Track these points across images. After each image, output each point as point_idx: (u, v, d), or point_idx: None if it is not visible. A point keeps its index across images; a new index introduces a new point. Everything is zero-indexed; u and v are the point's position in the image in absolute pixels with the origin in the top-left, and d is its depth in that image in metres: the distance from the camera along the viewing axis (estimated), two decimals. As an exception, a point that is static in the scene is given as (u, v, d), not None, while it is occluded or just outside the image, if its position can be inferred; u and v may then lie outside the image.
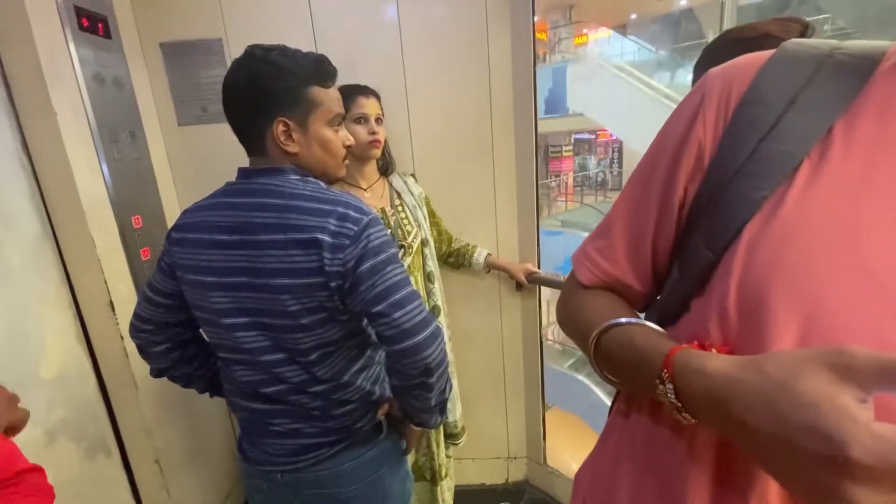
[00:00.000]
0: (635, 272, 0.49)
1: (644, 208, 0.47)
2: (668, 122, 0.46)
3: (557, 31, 10.36)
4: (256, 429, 0.88)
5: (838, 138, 0.36)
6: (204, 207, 0.82)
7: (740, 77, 0.41)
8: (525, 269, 1.57)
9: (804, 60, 0.39)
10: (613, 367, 0.46)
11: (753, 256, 0.37)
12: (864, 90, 0.36)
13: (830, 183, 0.35)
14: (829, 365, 0.27)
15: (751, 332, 0.36)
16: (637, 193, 0.48)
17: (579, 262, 0.53)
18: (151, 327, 0.90)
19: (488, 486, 1.89)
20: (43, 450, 1.12)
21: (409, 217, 1.38)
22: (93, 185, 1.22)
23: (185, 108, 1.51)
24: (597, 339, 0.46)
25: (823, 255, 0.34)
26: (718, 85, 0.41)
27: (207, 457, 1.64)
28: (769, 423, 0.29)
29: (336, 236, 0.73)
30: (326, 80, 0.81)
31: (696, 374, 0.35)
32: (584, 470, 0.59)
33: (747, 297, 0.36)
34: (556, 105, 8.27)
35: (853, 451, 0.25)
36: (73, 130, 1.16)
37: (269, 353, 0.80)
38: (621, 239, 0.49)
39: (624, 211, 0.50)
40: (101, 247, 1.21)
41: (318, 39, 1.46)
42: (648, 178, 0.47)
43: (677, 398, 0.36)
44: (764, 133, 0.38)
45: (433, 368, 0.78)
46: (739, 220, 0.38)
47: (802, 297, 0.34)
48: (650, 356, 0.39)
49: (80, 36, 1.20)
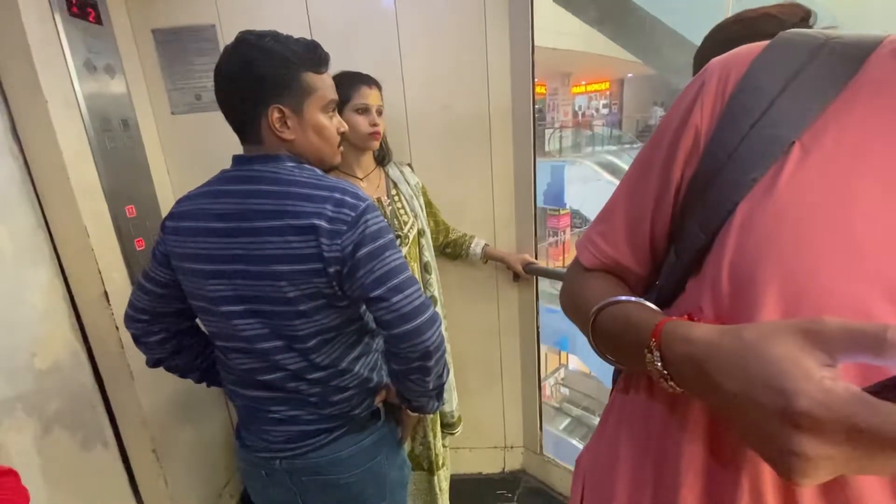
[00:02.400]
0: (634, 255, 0.50)
1: (642, 192, 0.48)
2: (670, 110, 0.47)
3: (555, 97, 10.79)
4: (254, 416, 0.88)
5: (830, 123, 0.37)
6: (199, 195, 0.81)
7: (738, 65, 0.41)
8: (522, 260, 1.57)
9: (798, 49, 0.40)
10: (609, 343, 0.47)
11: (746, 236, 0.37)
12: (856, 76, 0.37)
13: (822, 165, 0.36)
14: (802, 331, 0.28)
15: (740, 308, 0.37)
16: (637, 178, 0.49)
17: (582, 247, 0.54)
18: (147, 317, 0.89)
19: (485, 475, 1.90)
20: (39, 441, 1.11)
21: (405, 207, 1.37)
22: (85, 175, 1.20)
23: (178, 95, 1.49)
24: (594, 316, 0.47)
25: (814, 234, 0.34)
26: (717, 73, 0.42)
27: (205, 446, 1.64)
28: (737, 382, 0.30)
29: (333, 222, 0.72)
30: (320, 66, 0.80)
31: (680, 341, 0.36)
32: (584, 453, 0.60)
33: (739, 274, 0.37)
34: (554, 199, 8.69)
35: (801, 401, 0.26)
36: (64, 119, 1.14)
37: (267, 341, 0.79)
38: (621, 222, 0.50)
39: (624, 195, 0.51)
40: (94, 237, 1.20)
41: (313, 26, 1.44)
42: (648, 163, 0.47)
43: (663, 366, 0.37)
44: (756, 118, 0.39)
45: (432, 352, 0.78)
46: (731, 201, 0.39)
47: (792, 275, 0.34)
48: (641, 328, 0.40)
49: (71, 22, 1.18)
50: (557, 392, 8.06)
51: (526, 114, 1.50)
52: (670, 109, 0.47)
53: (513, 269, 1.60)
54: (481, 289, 1.70)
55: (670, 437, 0.43)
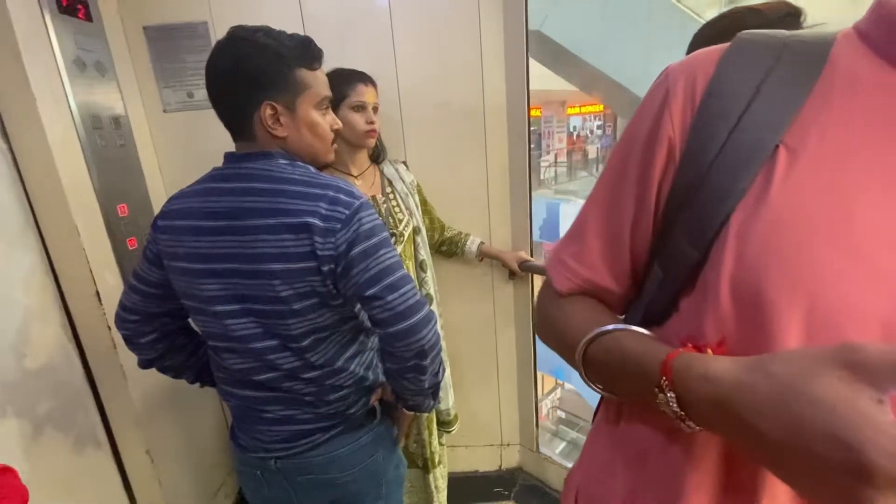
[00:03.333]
0: (613, 275, 0.48)
1: (618, 209, 0.46)
2: (633, 121, 0.45)
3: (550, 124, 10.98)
4: (249, 416, 0.88)
5: (810, 124, 0.36)
6: (190, 194, 0.80)
7: (703, 69, 0.40)
8: (518, 257, 1.57)
9: (762, 50, 0.39)
10: (605, 377, 0.45)
11: (743, 247, 0.36)
12: (823, 73, 0.36)
13: (812, 167, 0.35)
14: (841, 363, 0.26)
15: (750, 327, 0.35)
16: (609, 195, 0.47)
17: (554, 270, 0.51)
18: (138, 317, 0.88)
19: (482, 473, 1.90)
20: (30, 442, 1.10)
21: (400, 205, 1.37)
22: (76, 173, 1.19)
23: (170, 93, 1.47)
24: (584, 349, 0.44)
25: (816, 239, 0.33)
26: (682, 79, 0.41)
27: (200, 446, 1.63)
28: (783, 428, 0.28)
29: (327, 220, 0.72)
30: (313, 62, 0.79)
31: (698, 380, 0.33)
32: (575, 470, 0.58)
33: (742, 290, 0.35)
34: (550, 234, 8.79)
35: (875, 457, 0.24)
36: (53, 116, 1.13)
37: (261, 340, 0.79)
38: (596, 242, 0.48)
39: (596, 213, 0.48)
40: (85, 236, 1.19)
41: (306, 23, 1.43)
42: (619, 179, 0.45)
43: (679, 406, 0.35)
44: (733, 123, 0.38)
45: (427, 351, 0.78)
46: (722, 213, 0.37)
47: (801, 285, 0.33)
48: (645, 364, 0.38)
49: (60, 19, 1.17)
50: (554, 414, 8.01)
51: (520, 110, 1.49)
52: (634, 119, 0.45)
53: (508, 267, 1.59)
54: (477, 286, 1.69)
55: (673, 473, 0.42)
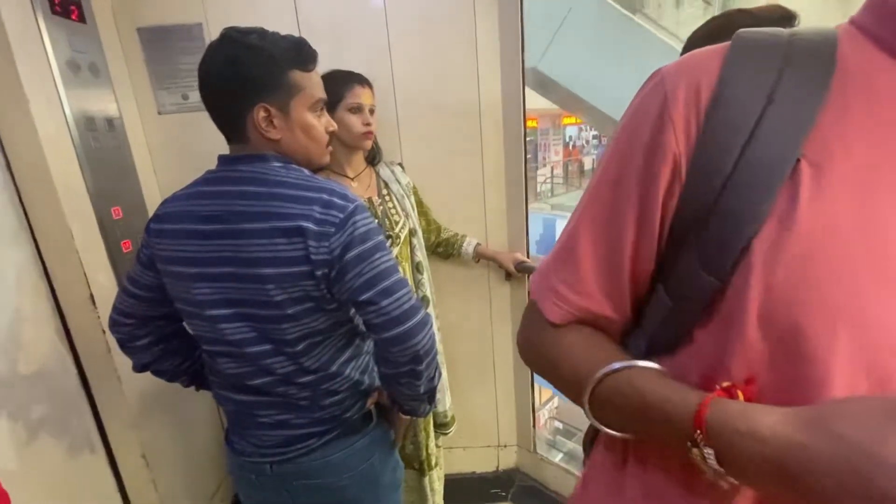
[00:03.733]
0: (611, 302, 0.43)
1: (615, 231, 0.41)
2: (625, 128, 0.40)
3: (546, 137, 11.08)
4: (244, 421, 0.87)
5: (830, 132, 0.33)
6: (183, 197, 0.80)
7: (706, 73, 0.36)
8: (514, 258, 1.57)
9: (768, 50, 0.35)
10: (619, 421, 0.41)
11: (772, 276, 0.32)
12: (835, 75, 0.34)
13: (841, 185, 0.32)
14: None
15: (786, 364, 0.32)
16: (603, 213, 0.42)
17: (544, 297, 0.45)
18: (132, 321, 0.87)
19: (479, 474, 1.90)
20: (25, 447, 1.09)
21: (396, 207, 1.36)
22: (69, 176, 1.18)
23: (165, 95, 1.47)
24: (592, 390, 0.41)
25: (855, 267, 0.31)
26: (683, 84, 0.36)
27: (195, 450, 1.62)
28: (851, 494, 0.26)
29: (321, 224, 0.71)
30: (307, 64, 0.78)
31: (742, 437, 0.30)
32: None
33: (774, 324, 0.32)
34: (546, 249, 8.81)
35: None
36: (46, 119, 1.12)
37: (255, 345, 0.78)
38: (591, 267, 0.43)
39: (589, 234, 0.43)
40: (79, 239, 1.18)
41: (302, 25, 1.43)
42: (616, 196, 0.40)
43: (718, 462, 0.32)
44: (747, 136, 0.34)
45: (422, 356, 0.77)
46: (742, 237, 0.34)
47: (843, 318, 0.30)
48: (673, 413, 0.34)
49: (53, 20, 1.16)
50: (551, 424, 7.97)
51: (516, 110, 1.49)
52: (626, 126, 0.40)
53: (504, 268, 1.59)
54: (473, 288, 1.69)
55: None
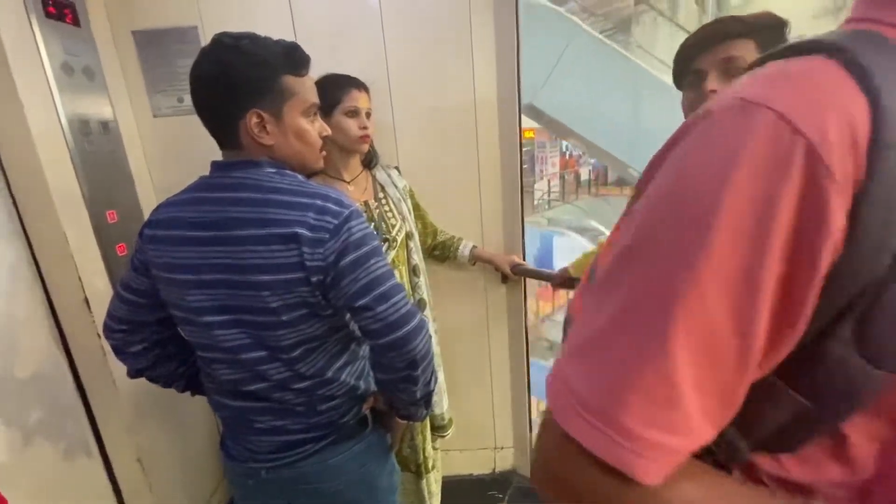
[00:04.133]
0: (718, 425, 0.33)
1: (740, 341, 0.30)
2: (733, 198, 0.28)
3: (543, 150, 11.22)
4: (239, 426, 0.87)
5: None
6: (176, 203, 0.80)
7: (852, 104, 0.27)
8: (510, 261, 1.57)
9: (887, 64, 0.28)
10: None
11: None
12: None
13: None
14: None
15: None
16: (718, 323, 0.30)
17: (637, 457, 0.31)
18: (127, 327, 0.87)
19: (476, 476, 1.90)
20: (20, 452, 1.09)
21: (393, 210, 1.36)
22: (64, 179, 1.18)
23: (160, 98, 1.46)
24: None
25: None
26: (833, 122, 0.27)
27: (191, 454, 1.62)
28: None
29: (315, 230, 0.71)
30: (300, 69, 0.78)
31: None
32: None
33: None
34: (543, 264, 8.98)
35: None
36: (41, 122, 1.11)
37: (250, 351, 0.78)
38: (697, 397, 0.31)
39: (691, 357, 0.30)
40: (74, 243, 1.18)
41: (297, 28, 1.42)
42: (736, 295, 0.29)
43: None
44: None
45: (418, 361, 0.77)
46: None
47: None
48: None
49: (47, 24, 1.15)
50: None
51: (512, 116, 1.49)
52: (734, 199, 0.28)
53: (501, 271, 1.59)
54: (469, 290, 1.69)
55: None
